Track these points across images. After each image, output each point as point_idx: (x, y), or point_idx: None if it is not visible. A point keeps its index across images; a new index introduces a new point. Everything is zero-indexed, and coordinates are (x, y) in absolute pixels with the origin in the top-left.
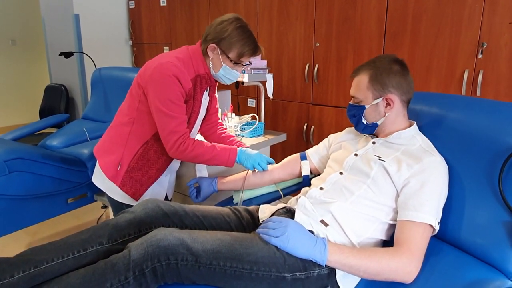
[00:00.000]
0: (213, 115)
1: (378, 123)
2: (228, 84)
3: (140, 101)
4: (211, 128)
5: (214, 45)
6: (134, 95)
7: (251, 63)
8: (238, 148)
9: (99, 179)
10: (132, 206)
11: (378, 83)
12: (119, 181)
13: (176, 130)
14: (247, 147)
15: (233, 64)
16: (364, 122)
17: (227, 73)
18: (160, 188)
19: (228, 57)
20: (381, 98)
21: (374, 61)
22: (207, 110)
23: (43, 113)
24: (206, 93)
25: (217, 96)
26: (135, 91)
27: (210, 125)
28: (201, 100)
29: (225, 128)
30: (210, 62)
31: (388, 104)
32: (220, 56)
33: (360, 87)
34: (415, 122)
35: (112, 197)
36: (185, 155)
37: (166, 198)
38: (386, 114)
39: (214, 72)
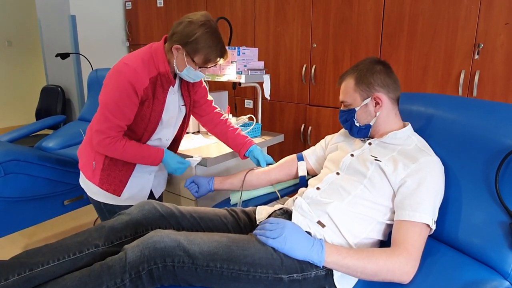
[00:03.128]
0: (204, 106)
1: (371, 123)
2: (192, 82)
3: None
4: (212, 120)
5: (179, 46)
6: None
7: (215, 65)
8: (164, 150)
9: (81, 180)
10: (109, 205)
11: (364, 83)
12: (98, 180)
13: (106, 132)
14: (255, 144)
15: (198, 68)
16: (357, 124)
17: (190, 74)
18: (143, 186)
19: (193, 61)
20: (369, 98)
21: (357, 65)
22: (193, 103)
23: (40, 114)
24: (172, 89)
25: (205, 85)
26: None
27: (207, 116)
28: (164, 100)
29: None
30: (174, 60)
31: (377, 103)
32: (185, 58)
33: (347, 91)
34: (409, 123)
35: (93, 198)
36: (115, 155)
37: (153, 197)
38: (377, 114)
39: (177, 71)
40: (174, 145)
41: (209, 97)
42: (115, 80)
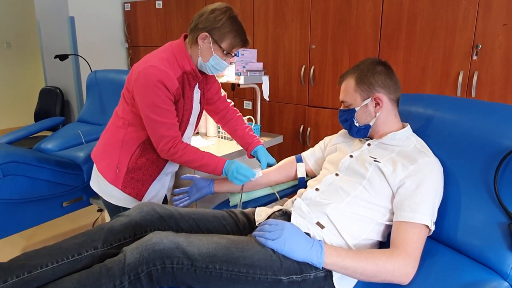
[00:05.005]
0: (218, 102)
1: (371, 124)
2: (215, 74)
3: (132, 104)
4: (224, 117)
5: (206, 33)
6: (126, 98)
7: (237, 55)
8: (226, 161)
9: (97, 183)
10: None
11: (365, 84)
12: (120, 183)
13: (166, 134)
14: (262, 144)
15: (225, 54)
16: (357, 124)
17: (216, 63)
18: (161, 187)
19: (220, 47)
20: (370, 99)
21: (358, 65)
22: (207, 100)
23: (38, 116)
24: (196, 87)
25: (218, 82)
26: (126, 95)
27: (221, 113)
28: (192, 97)
29: (239, 116)
30: (199, 51)
31: (377, 104)
32: (212, 46)
33: (348, 91)
34: (408, 124)
35: (110, 201)
36: (175, 159)
37: (165, 199)
38: (377, 114)
39: (203, 62)
40: None
41: (223, 93)
42: (145, 84)
